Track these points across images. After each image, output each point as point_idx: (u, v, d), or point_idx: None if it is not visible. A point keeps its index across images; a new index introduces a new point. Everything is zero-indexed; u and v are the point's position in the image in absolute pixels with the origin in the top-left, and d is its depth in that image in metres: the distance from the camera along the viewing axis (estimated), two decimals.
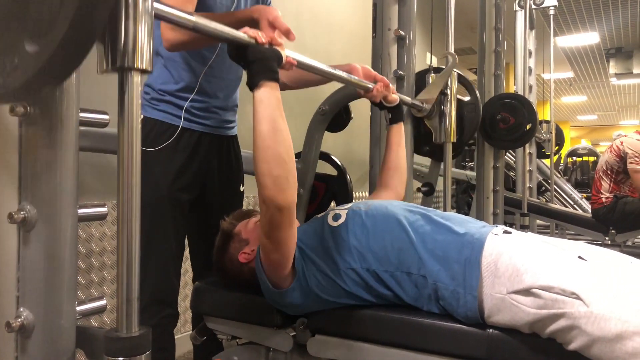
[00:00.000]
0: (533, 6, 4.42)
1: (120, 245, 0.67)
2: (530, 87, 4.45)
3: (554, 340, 0.95)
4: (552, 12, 4.76)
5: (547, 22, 5.06)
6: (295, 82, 1.63)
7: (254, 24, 1.22)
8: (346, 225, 1.19)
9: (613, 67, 9.05)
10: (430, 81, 2.00)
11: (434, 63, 2.52)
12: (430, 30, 2.55)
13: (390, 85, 1.57)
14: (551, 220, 4.18)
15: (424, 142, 2.17)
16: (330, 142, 3.15)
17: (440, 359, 1.07)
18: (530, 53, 4.44)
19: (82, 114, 0.81)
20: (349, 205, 1.28)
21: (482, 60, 3.20)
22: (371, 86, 1.50)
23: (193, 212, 1.54)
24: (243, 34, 1.02)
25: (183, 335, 2.42)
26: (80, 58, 0.63)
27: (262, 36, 1.03)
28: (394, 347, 1.12)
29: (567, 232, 4.44)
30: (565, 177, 8.53)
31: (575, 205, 5.50)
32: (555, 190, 5.23)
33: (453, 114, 2.00)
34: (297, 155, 2.30)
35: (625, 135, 3.77)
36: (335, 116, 2.28)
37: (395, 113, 1.62)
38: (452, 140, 2.01)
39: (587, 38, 8.01)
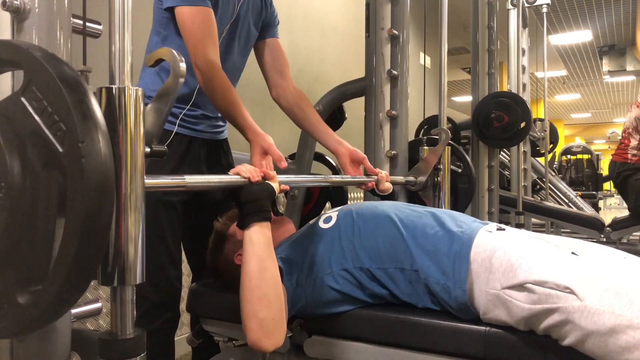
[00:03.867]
0: (526, 4, 4.44)
1: None
2: (524, 85, 4.46)
3: (550, 337, 0.96)
4: (544, 10, 4.78)
5: (540, 20, 5.08)
6: (289, 112, 1.64)
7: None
8: (338, 227, 1.19)
9: (606, 65, 9.10)
10: (424, 153, 2.02)
11: (428, 64, 2.52)
12: (423, 30, 2.56)
13: (383, 174, 1.55)
14: (546, 218, 4.19)
15: None
16: None
17: (437, 357, 1.07)
18: (523, 51, 4.46)
19: None
20: (340, 207, 1.29)
21: (475, 59, 3.21)
22: (365, 179, 1.50)
23: (187, 215, 1.54)
24: (236, 176, 1.05)
25: (180, 338, 2.42)
26: (79, 296, 0.61)
27: (254, 175, 1.06)
28: (391, 346, 1.12)
29: (562, 230, 4.45)
30: (560, 175, 8.57)
31: (570, 204, 5.51)
32: (550, 189, 5.25)
33: (447, 187, 2.01)
34: (292, 157, 2.30)
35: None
36: (329, 117, 2.28)
37: (387, 199, 1.65)
38: None
39: (580, 36, 8.06)
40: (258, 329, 1.02)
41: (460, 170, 2.22)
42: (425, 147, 2.02)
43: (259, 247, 1.05)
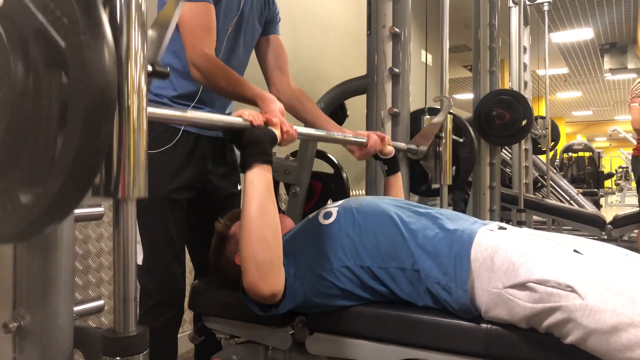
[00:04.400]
0: (527, 2, 4.43)
1: (117, 245, 0.67)
2: (526, 83, 4.46)
3: (552, 335, 0.96)
4: (546, 8, 4.78)
5: (542, 18, 5.07)
6: (289, 107, 1.64)
7: (256, 106, 1.28)
8: (338, 223, 1.19)
9: (607, 63, 9.08)
10: (425, 123, 2.02)
11: (429, 61, 2.52)
12: (425, 27, 2.55)
13: (386, 136, 1.59)
14: (548, 216, 4.19)
15: (420, 181, 2.17)
16: None
17: (439, 355, 1.07)
18: (525, 49, 4.45)
19: None
20: (340, 202, 1.28)
21: (477, 57, 3.21)
22: (365, 140, 1.52)
23: (192, 213, 1.54)
24: (238, 119, 1.06)
25: (182, 336, 2.42)
26: (81, 197, 0.60)
27: (257, 118, 1.06)
28: (393, 344, 1.12)
29: (563, 227, 4.45)
30: (561, 172, 8.56)
31: (571, 201, 5.51)
32: (552, 186, 5.24)
33: (448, 156, 2.01)
34: (294, 154, 2.30)
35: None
36: (331, 114, 2.28)
37: (391, 164, 1.65)
38: (447, 183, 2.03)
39: (582, 34, 8.04)
40: (255, 271, 1.02)
41: (462, 140, 2.22)
42: (427, 117, 2.02)
43: (259, 190, 1.05)
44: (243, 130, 1.06)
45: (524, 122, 3.04)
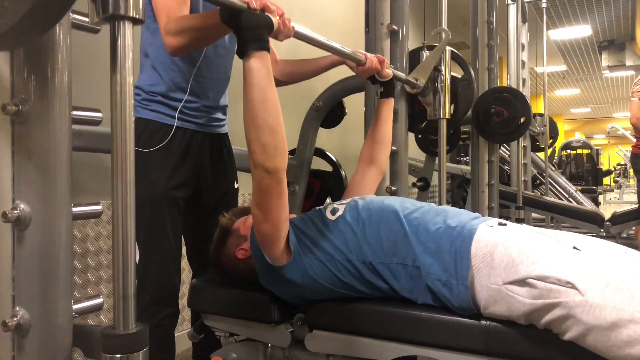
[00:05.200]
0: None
1: (116, 242, 0.67)
2: (524, 80, 4.46)
3: (551, 332, 0.96)
4: (544, 5, 4.77)
5: (540, 15, 5.07)
6: (286, 76, 1.65)
7: None
8: (343, 218, 1.20)
9: (605, 60, 9.08)
10: (424, 58, 2.00)
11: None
12: (423, 25, 2.55)
13: (385, 60, 1.58)
14: (546, 213, 4.19)
15: (418, 119, 2.17)
16: (324, 138, 3.16)
17: (438, 351, 1.08)
18: (523, 46, 4.45)
19: (74, 112, 0.80)
20: (347, 200, 1.29)
21: (475, 55, 3.20)
22: (362, 58, 1.50)
23: (188, 211, 1.54)
24: None
25: (181, 334, 2.42)
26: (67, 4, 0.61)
27: (253, 2, 1.04)
28: (392, 340, 1.12)
29: (562, 225, 4.46)
30: (560, 170, 8.57)
31: (570, 198, 5.52)
32: (550, 184, 5.25)
33: (447, 90, 2.00)
34: (292, 152, 2.30)
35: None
36: (329, 112, 2.28)
37: (387, 87, 1.63)
38: (446, 117, 2.02)
39: (580, 31, 8.04)
40: (261, 151, 1.04)
41: (460, 76, 2.21)
42: (426, 51, 2.01)
43: (259, 77, 1.04)
44: (240, 13, 1.03)
45: (522, 120, 3.04)
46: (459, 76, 2.20)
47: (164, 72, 1.43)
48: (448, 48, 2.00)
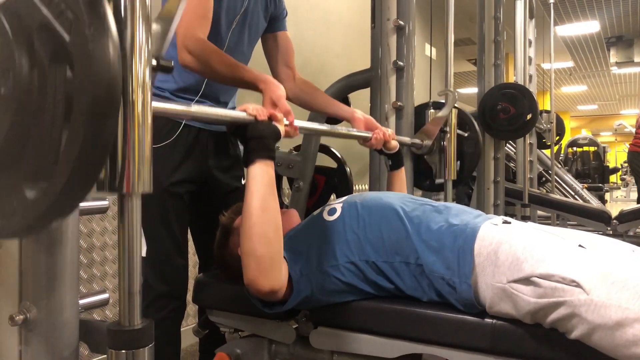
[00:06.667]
0: None
1: (122, 238, 0.67)
2: (530, 77, 4.44)
3: (557, 331, 0.95)
4: (551, 0, 4.74)
5: (547, 11, 5.04)
6: (298, 100, 1.66)
7: (257, 89, 1.26)
8: (342, 219, 1.18)
9: (614, 56, 9.02)
10: (430, 117, 2.00)
11: (433, 55, 2.51)
12: (429, 21, 2.54)
13: (389, 132, 1.59)
14: (552, 210, 4.17)
15: (424, 176, 2.16)
16: None
17: (444, 349, 1.07)
18: (530, 43, 4.42)
19: None
20: (344, 198, 1.28)
21: (481, 51, 3.19)
22: (370, 135, 1.52)
23: (194, 207, 1.54)
24: (242, 113, 1.06)
25: (186, 329, 2.43)
26: (85, 192, 0.60)
27: (261, 113, 1.06)
28: (397, 338, 1.12)
29: (568, 222, 4.43)
30: (566, 167, 8.53)
31: (576, 196, 5.49)
32: (556, 181, 5.23)
33: (453, 151, 2.00)
34: (297, 149, 2.30)
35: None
36: None
37: (395, 160, 1.64)
38: (452, 178, 2.02)
39: (588, 27, 7.97)
40: (255, 266, 1.02)
41: (466, 135, 2.21)
42: (432, 111, 2.01)
43: (261, 185, 1.05)
44: (247, 125, 1.06)
45: (528, 116, 3.02)
46: (466, 134, 2.20)
47: (177, 71, 1.43)
48: (455, 108, 1.99)
